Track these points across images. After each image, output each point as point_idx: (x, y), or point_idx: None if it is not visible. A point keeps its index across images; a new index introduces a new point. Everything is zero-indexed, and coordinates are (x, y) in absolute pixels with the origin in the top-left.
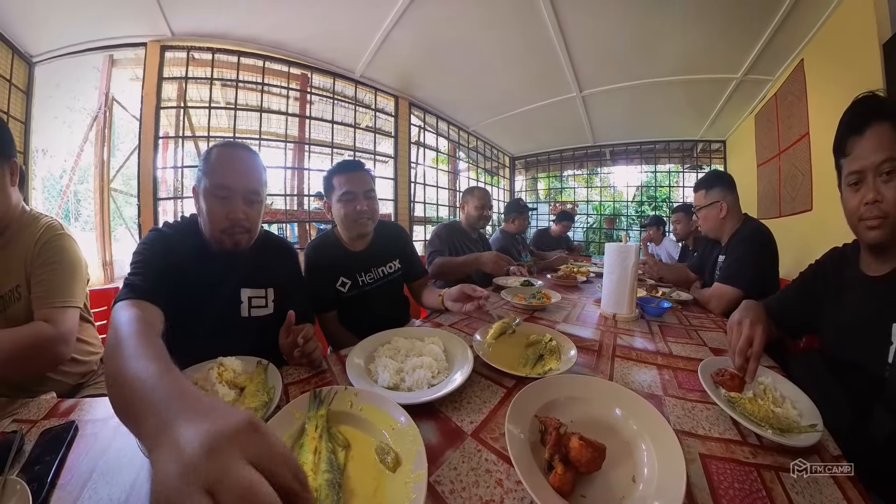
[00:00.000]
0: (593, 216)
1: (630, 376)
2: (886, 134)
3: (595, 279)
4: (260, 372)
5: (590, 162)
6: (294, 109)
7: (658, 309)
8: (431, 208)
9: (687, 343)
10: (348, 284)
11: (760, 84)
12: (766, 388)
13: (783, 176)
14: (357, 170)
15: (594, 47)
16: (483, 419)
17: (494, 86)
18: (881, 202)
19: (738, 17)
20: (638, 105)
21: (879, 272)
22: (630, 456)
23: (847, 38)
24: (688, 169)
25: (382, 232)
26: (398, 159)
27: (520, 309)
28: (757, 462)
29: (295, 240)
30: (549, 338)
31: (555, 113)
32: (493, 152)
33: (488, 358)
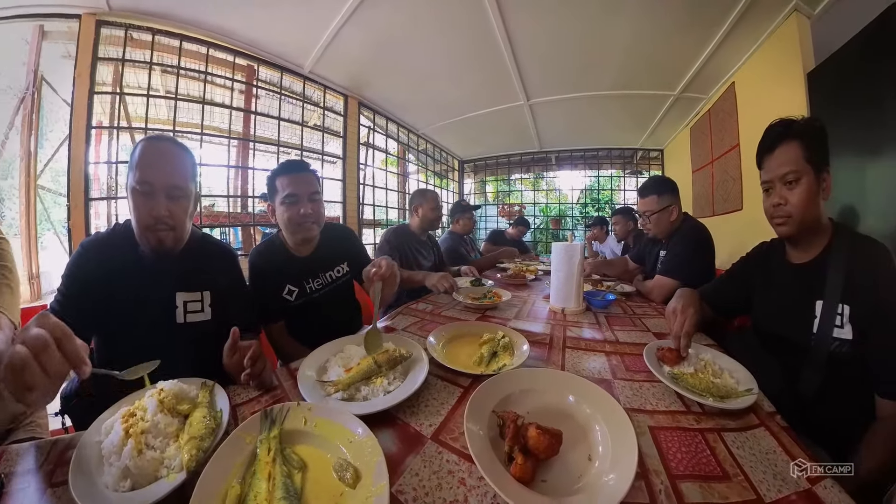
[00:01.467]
0: (540, 217)
1: (581, 365)
2: (793, 151)
3: (543, 277)
4: (205, 394)
5: (536, 166)
6: (238, 103)
7: (603, 301)
8: (381, 211)
9: (632, 330)
10: (295, 292)
11: (695, 101)
12: (706, 363)
13: (716, 180)
14: (302, 171)
15: (542, 60)
16: (442, 421)
17: (444, 90)
18: (785, 205)
19: (677, 41)
20: (583, 115)
21: (803, 260)
22: (585, 437)
23: (775, 66)
24: (628, 174)
25: (329, 235)
26: (347, 160)
27: (472, 308)
28: (701, 427)
29: (239, 245)
30: (501, 335)
31: (503, 119)
32: (443, 155)
33: (443, 359)
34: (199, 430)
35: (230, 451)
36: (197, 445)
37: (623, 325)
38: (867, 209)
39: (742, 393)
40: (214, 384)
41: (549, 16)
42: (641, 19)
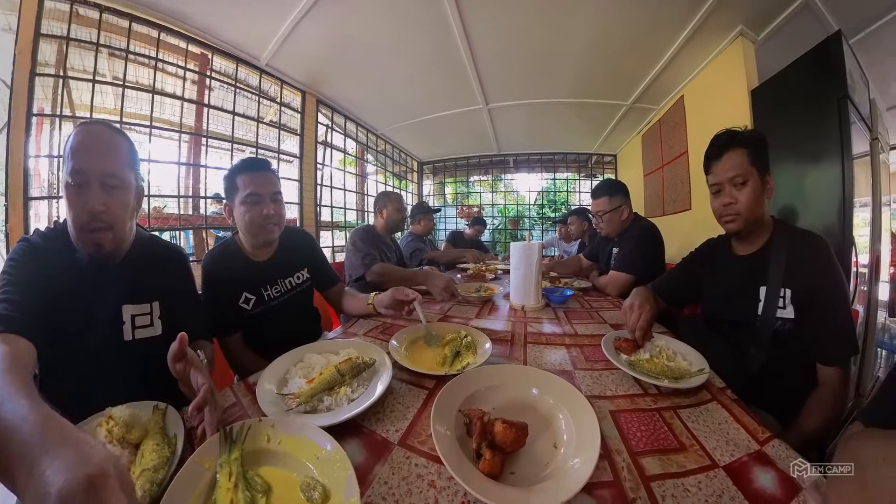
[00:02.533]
0: (499, 218)
1: (542, 358)
2: (740, 156)
3: (503, 276)
4: (157, 419)
5: (495, 169)
6: (191, 95)
7: (561, 297)
8: (339, 212)
9: (590, 323)
10: (252, 300)
11: (647, 111)
12: (660, 349)
13: (666, 184)
14: (264, 169)
15: (501, 65)
16: (409, 425)
17: (404, 91)
18: (734, 204)
19: (631, 55)
20: (540, 120)
21: (747, 252)
22: (550, 427)
23: (722, 83)
24: (583, 177)
25: (288, 239)
26: (304, 159)
27: (473, 302)
28: (657, 407)
29: (191, 250)
30: (464, 334)
31: (462, 122)
32: (402, 156)
33: (407, 362)
34: (152, 460)
35: (187, 481)
36: (150, 478)
37: (581, 318)
38: (805, 208)
39: (695, 373)
40: (167, 407)
41: (509, 23)
42: (598, 32)
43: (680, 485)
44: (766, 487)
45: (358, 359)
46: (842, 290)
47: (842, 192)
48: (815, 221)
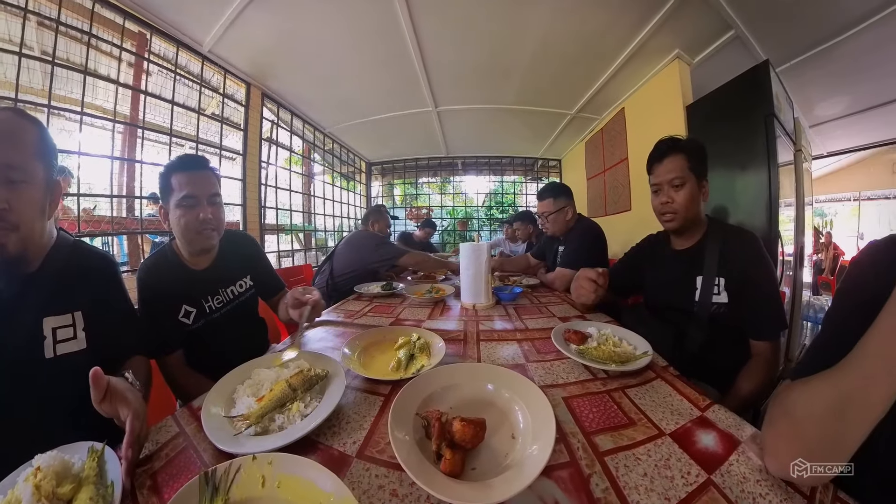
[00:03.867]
0: (448, 220)
1: (496, 354)
2: (679, 161)
3: (453, 276)
4: (92, 464)
5: (443, 171)
6: (127, 79)
7: (511, 294)
8: (284, 215)
9: (539, 317)
10: (193, 314)
11: (590, 121)
12: (606, 336)
13: (608, 186)
14: (201, 168)
15: (451, 70)
16: (366, 434)
17: (353, 89)
18: (671, 203)
19: (576, 68)
20: (488, 125)
21: (684, 246)
22: (507, 419)
23: (660, 98)
24: (530, 180)
25: (229, 244)
26: (248, 157)
27: (423, 303)
28: (607, 389)
29: (124, 258)
30: (417, 336)
31: (411, 123)
32: (350, 156)
33: (360, 369)
34: None
35: None
36: None
37: (531, 313)
38: (737, 208)
39: (639, 356)
40: (104, 447)
41: (460, 30)
42: (545, 45)
43: (631, 455)
44: (708, 446)
45: (309, 371)
46: (770, 276)
47: (769, 194)
48: (746, 219)
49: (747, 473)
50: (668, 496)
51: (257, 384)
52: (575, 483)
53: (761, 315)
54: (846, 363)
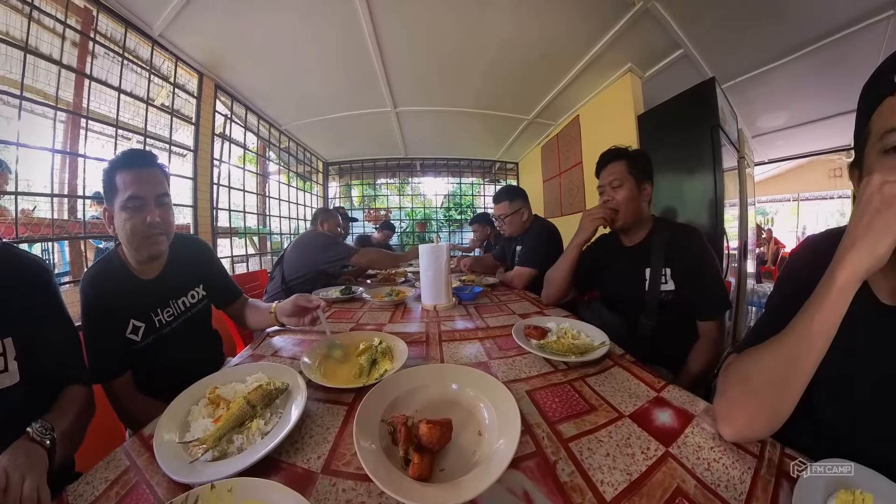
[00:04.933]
0: (406, 221)
1: (459, 354)
2: (620, 166)
3: (413, 278)
4: None
5: (402, 172)
6: (70, 61)
7: (471, 294)
8: (237, 217)
9: (500, 315)
10: (142, 329)
11: (546, 126)
12: (566, 330)
13: (563, 189)
14: (148, 165)
15: (411, 71)
16: (331, 447)
17: (310, 85)
18: (612, 201)
19: (533, 75)
20: (447, 127)
21: (633, 243)
22: (473, 417)
23: (613, 108)
24: (488, 182)
25: (180, 250)
26: (199, 153)
27: (384, 306)
28: (568, 379)
29: (66, 267)
30: (378, 341)
31: (370, 123)
32: (307, 156)
33: (321, 379)
34: None
35: None
36: None
37: (491, 312)
38: (685, 208)
39: (597, 346)
40: None
41: (421, 31)
42: (504, 52)
43: (594, 438)
44: (665, 423)
45: (269, 385)
46: (712, 263)
47: (714, 196)
48: (695, 218)
49: (702, 442)
50: (630, 472)
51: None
52: (542, 471)
53: (706, 297)
54: (788, 332)
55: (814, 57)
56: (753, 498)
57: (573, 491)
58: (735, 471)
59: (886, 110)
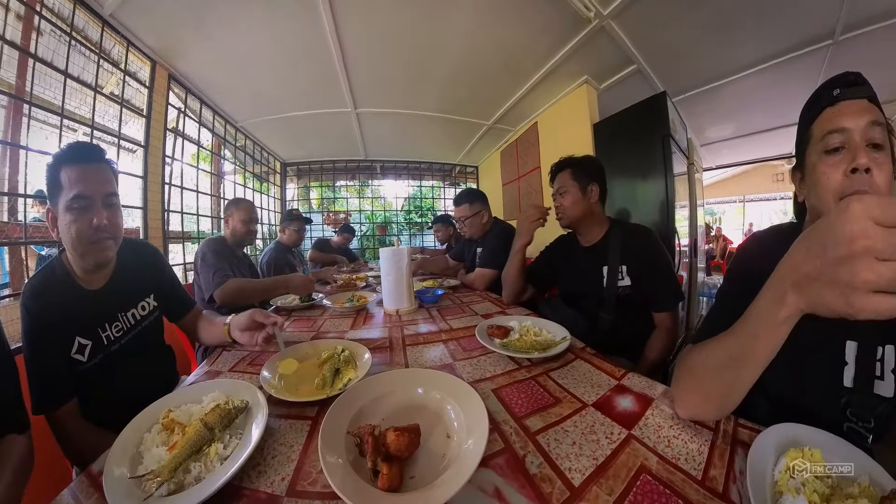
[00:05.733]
0: (366, 225)
1: (423, 357)
2: (565, 175)
3: (374, 282)
4: None
5: (362, 174)
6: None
7: (433, 297)
8: (191, 220)
9: (462, 316)
10: (88, 348)
11: (505, 132)
12: (528, 328)
13: (522, 192)
14: (95, 160)
15: (372, 72)
16: (295, 467)
17: (269, 81)
18: (560, 207)
19: (493, 82)
20: (407, 130)
21: (591, 242)
22: (440, 420)
23: (570, 116)
24: (448, 185)
25: (129, 256)
26: (150, 149)
27: (345, 313)
28: (532, 375)
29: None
30: (341, 349)
31: (330, 123)
32: (264, 155)
33: (283, 394)
34: None
35: None
36: None
37: (454, 313)
38: (638, 210)
39: (559, 341)
40: None
41: (383, 32)
42: (466, 57)
43: (560, 429)
44: (627, 408)
45: (227, 404)
46: (665, 259)
47: (666, 198)
48: (647, 219)
49: (661, 422)
50: (596, 457)
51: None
52: (511, 466)
53: (660, 290)
54: (736, 327)
55: (759, 76)
56: (711, 466)
57: (543, 482)
58: (693, 444)
59: (826, 119)
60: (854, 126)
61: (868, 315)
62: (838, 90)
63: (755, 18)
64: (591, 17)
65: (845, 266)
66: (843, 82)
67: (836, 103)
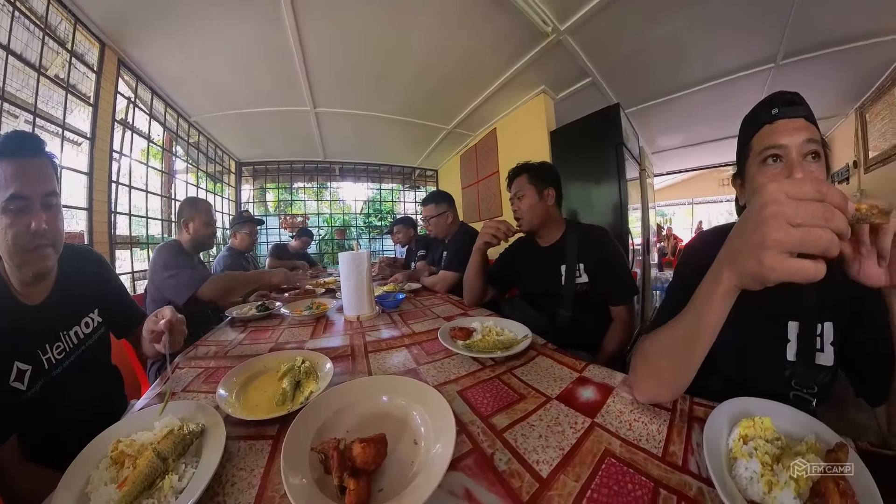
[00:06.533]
0: (325, 228)
1: (386, 364)
2: (522, 181)
3: (334, 288)
4: None
5: (320, 176)
6: None
7: (394, 301)
8: (139, 223)
9: (425, 320)
10: (28, 373)
11: (465, 136)
12: (490, 328)
13: (481, 196)
14: (34, 153)
15: (333, 72)
16: (257, 493)
17: (225, 75)
18: (518, 210)
19: (454, 88)
20: (368, 132)
21: (548, 243)
22: (407, 427)
23: (527, 123)
24: (407, 188)
25: (70, 266)
26: (96, 142)
27: (304, 321)
28: (496, 374)
29: None
30: (301, 360)
31: (288, 122)
32: (218, 154)
33: (241, 412)
34: None
35: None
36: None
37: (416, 317)
38: (593, 212)
39: (521, 339)
40: None
41: (345, 34)
42: (427, 62)
43: (526, 424)
44: (589, 398)
45: (181, 429)
46: (620, 256)
47: (619, 201)
48: (601, 220)
49: (622, 408)
50: (562, 447)
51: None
52: (481, 466)
53: (616, 285)
54: (683, 312)
55: (706, 92)
56: (671, 443)
57: (512, 477)
58: (653, 425)
59: (764, 134)
60: (791, 143)
61: (779, 274)
62: (777, 109)
63: (705, 41)
64: (549, 32)
65: (759, 230)
66: (781, 101)
67: (774, 121)
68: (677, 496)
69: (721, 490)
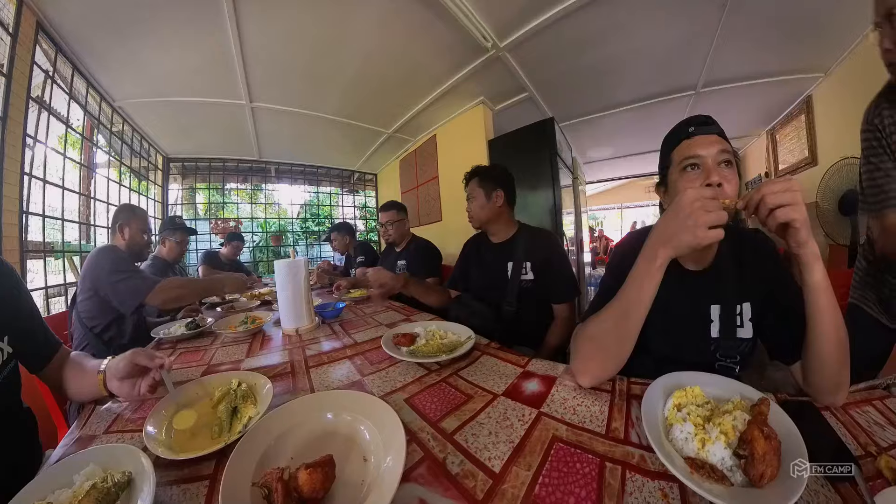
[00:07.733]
0: (259, 234)
1: (329, 378)
2: (473, 184)
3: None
4: None
5: (255, 177)
6: None
7: (335, 311)
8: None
9: (367, 329)
10: None
11: (405, 141)
12: (433, 332)
13: (421, 200)
14: None
15: (271, 65)
16: None
17: (155, 56)
18: (469, 210)
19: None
20: (305, 131)
21: (500, 241)
22: (355, 444)
23: (467, 131)
24: (346, 192)
25: None
26: (8, 122)
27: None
28: (442, 378)
29: None
30: (237, 383)
31: (221, 115)
32: (144, 147)
33: (174, 451)
34: None
35: None
36: None
37: (358, 326)
38: (530, 215)
39: (464, 341)
40: None
41: (285, 26)
42: (368, 63)
43: (475, 424)
44: (534, 390)
45: (105, 482)
46: (563, 258)
47: (554, 206)
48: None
49: (566, 396)
50: (512, 440)
51: None
52: (434, 472)
53: (559, 284)
54: (620, 292)
55: (633, 112)
56: (612, 420)
57: (465, 478)
58: (595, 407)
59: (684, 147)
60: (707, 154)
61: (710, 239)
62: (693, 127)
63: (634, 68)
64: (489, 48)
65: (691, 217)
66: (696, 122)
67: (692, 137)
68: (622, 465)
69: (660, 452)
